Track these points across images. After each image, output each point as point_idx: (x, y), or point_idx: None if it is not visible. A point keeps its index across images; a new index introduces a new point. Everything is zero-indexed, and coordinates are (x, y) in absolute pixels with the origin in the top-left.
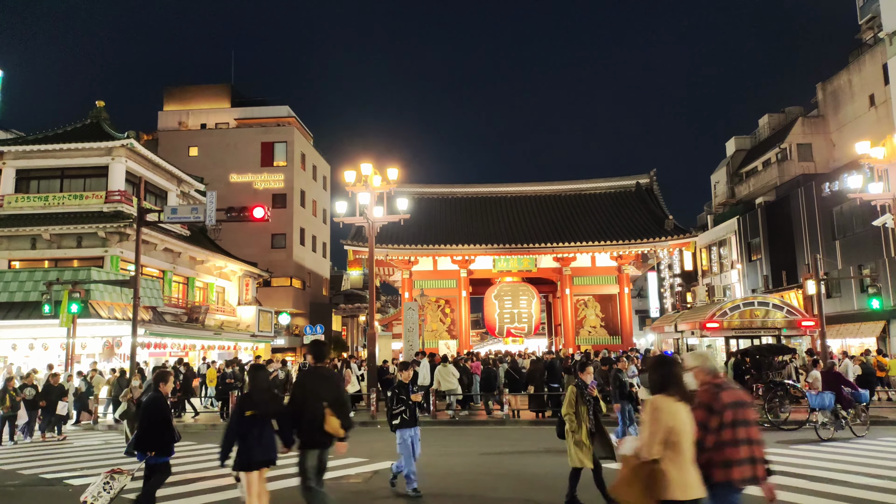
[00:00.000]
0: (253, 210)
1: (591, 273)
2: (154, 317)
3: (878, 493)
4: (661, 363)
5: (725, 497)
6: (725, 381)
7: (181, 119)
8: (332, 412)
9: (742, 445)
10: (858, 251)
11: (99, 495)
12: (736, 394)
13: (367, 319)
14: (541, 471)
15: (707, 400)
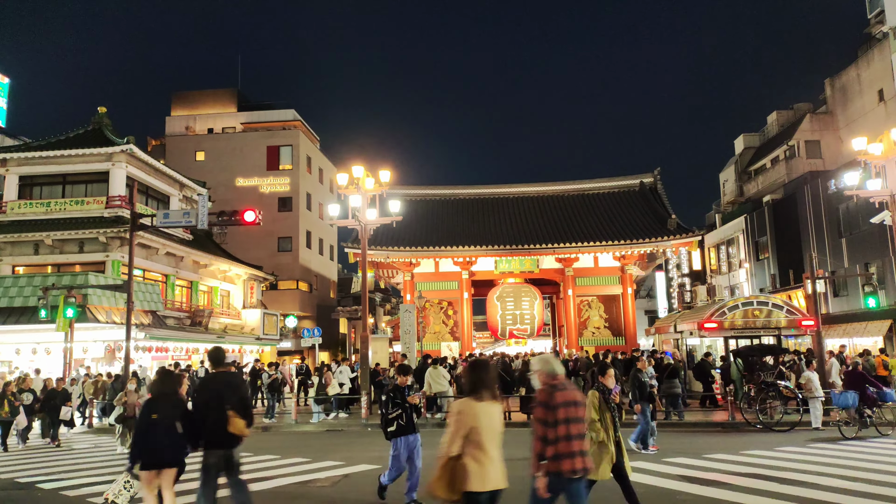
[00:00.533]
0: (244, 214)
1: (593, 273)
2: (154, 320)
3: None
4: (474, 368)
5: (558, 485)
6: (562, 382)
7: (188, 124)
8: (235, 414)
9: (574, 440)
10: (865, 249)
11: (119, 493)
12: (569, 394)
13: (361, 322)
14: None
15: (544, 399)
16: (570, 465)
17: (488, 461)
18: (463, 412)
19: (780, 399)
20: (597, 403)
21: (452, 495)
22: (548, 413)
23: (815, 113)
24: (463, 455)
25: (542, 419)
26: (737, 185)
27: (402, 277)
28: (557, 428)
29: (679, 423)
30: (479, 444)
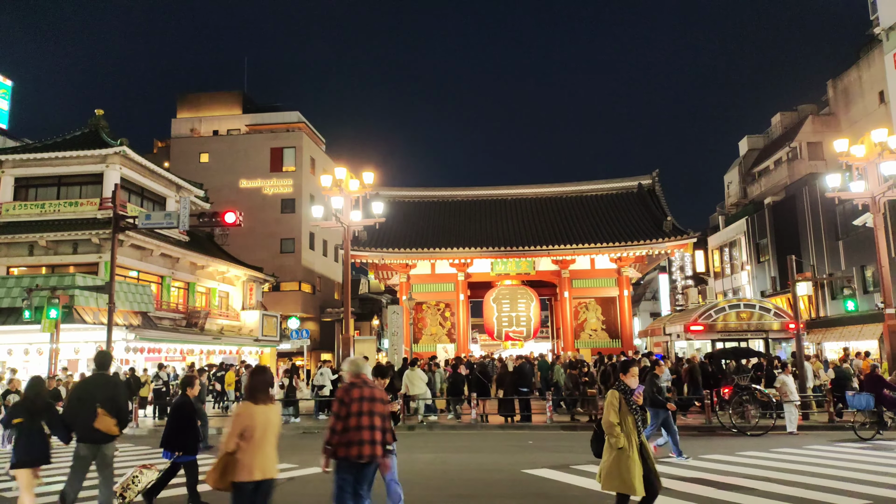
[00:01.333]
0: (224, 215)
1: (590, 276)
2: (144, 322)
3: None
4: (255, 373)
5: (349, 469)
6: (363, 381)
7: (193, 126)
8: (105, 412)
9: (364, 430)
10: (861, 251)
11: (128, 487)
12: (366, 391)
13: (344, 323)
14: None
15: (340, 395)
16: (358, 452)
17: (260, 455)
18: (240, 414)
19: (754, 403)
20: (616, 405)
21: (221, 484)
22: (341, 408)
23: (818, 115)
24: (237, 450)
25: (335, 412)
26: (740, 186)
27: (399, 279)
28: (349, 420)
29: None
30: (252, 440)
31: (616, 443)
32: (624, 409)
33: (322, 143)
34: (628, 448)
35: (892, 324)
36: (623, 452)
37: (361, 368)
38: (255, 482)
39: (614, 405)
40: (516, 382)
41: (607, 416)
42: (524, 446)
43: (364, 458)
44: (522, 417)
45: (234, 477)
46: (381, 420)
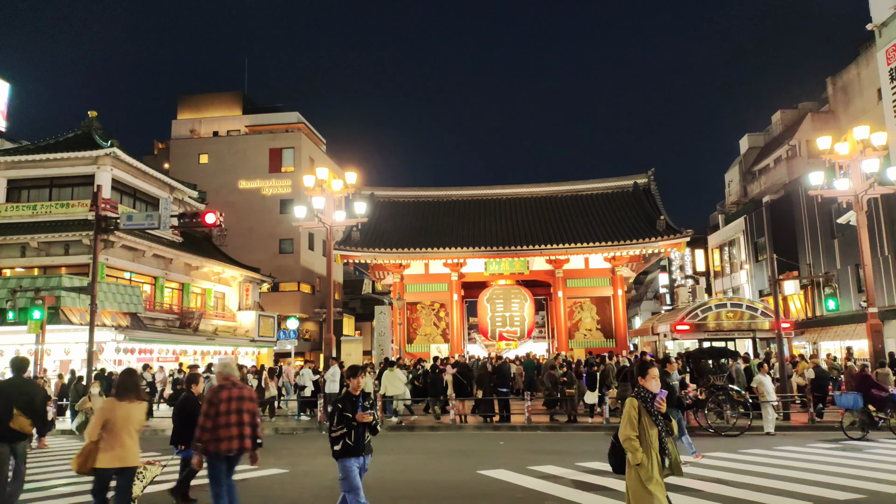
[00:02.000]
0: (205, 216)
1: (584, 275)
2: (133, 322)
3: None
4: (124, 374)
5: (218, 462)
6: (231, 383)
7: (193, 127)
8: (20, 413)
9: (233, 427)
10: (855, 250)
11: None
12: (234, 392)
13: (327, 324)
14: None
15: (209, 396)
16: (227, 446)
17: (118, 446)
18: (104, 409)
19: (731, 403)
20: (636, 415)
21: (84, 469)
22: (210, 407)
23: (818, 112)
24: (99, 440)
25: (204, 412)
26: (741, 185)
27: (392, 279)
28: (218, 418)
29: None
30: (112, 432)
31: (633, 458)
32: (645, 420)
33: (322, 143)
34: (648, 465)
35: (875, 323)
36: (642, 470)
37: (231, 371)
38: (112, 469)
39: (632, 416)
40: (495, 383)
41: (623, 429)
42: (493, 447)
43: (232, 451)
44: (501, 418)
45: (93, 464)
46: (249, 417)
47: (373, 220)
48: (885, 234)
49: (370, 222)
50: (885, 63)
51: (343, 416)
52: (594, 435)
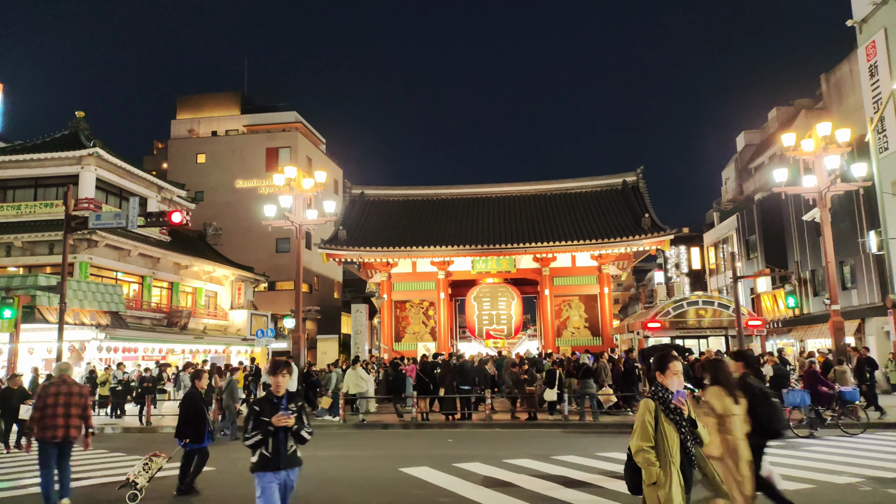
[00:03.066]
0: (171, 215)
1: (571, 273)
2: (114, 321)
3: None
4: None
5: (47, 447)
6: (62, 380)
7: (192, 127)
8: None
9: (59, 418)
10: (839, 248)
11: (139, 474)
12: (63, 388)
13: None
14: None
15: (39, 391)
16: (52, 434)
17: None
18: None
19: None
20: (651, 420)
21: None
22: (38, 400)
23: (812, 109)
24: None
25: (35, 404)
26: (737, 182)
27: (380, 277)
28: (45, 410)
29: (590, 424)
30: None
31: (647, 475)
32: (665, 427)
33: (321, 142)
34: (666, 484)
35: (837, 320)
36: (659, 490)
37: (66, 371)
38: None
39: (647, 421)
40: (458, 381)
41: (635, 438)
42: (438, 445)
43: (57, 438)
44: (463, 416)
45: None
46: (76, 410)
47: (362, 218)
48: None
49: (359, 221)
50: (864, 59)
51: (259, 420)
52: (550, 433)
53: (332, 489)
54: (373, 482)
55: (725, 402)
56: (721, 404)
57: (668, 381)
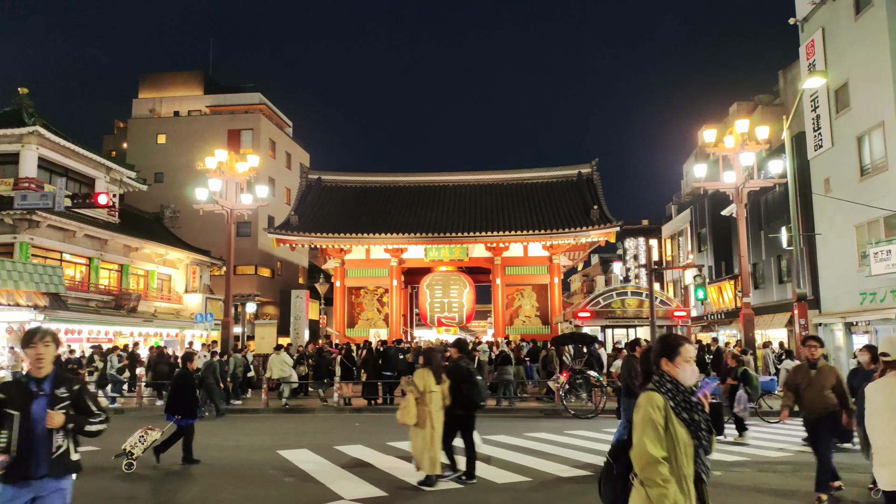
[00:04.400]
0: (97, 197)
1: (523, 263)
2: (52, 302)
3: None
4: None
5: None
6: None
7: (154, 107)
8: None
9: None
10: (777, 242)
11: (135, 445)
12: None
13: (225, 307)
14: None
15: None
16: None
17: None
18: None
19: (587, 387)
20: (661, 420)
21: None
22: None
23: (768, 105)
24: None
25: None
26: (697, 176)
27: (333, 263)
28: None
29: (507, 409)
30: None
31: (656, 497)
32: (676, 430)
33: (287, 125)
34: (684, 494)
35: (748, 312)
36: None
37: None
38: None
39: (655, 420)
40: (381, 367)
41: (642, 445)
42: (341, 428)
43: None
44: (385, 401)
45: None
46: None
47: (316, 204)
48: (801, 225)
49: (313, 206)
50: (805, 58)
51: (3, 413)
52: None
53: (187, 471)
54: (234, 463)
55: (427, 381)
56: (423, 383)
57: (678, 371)
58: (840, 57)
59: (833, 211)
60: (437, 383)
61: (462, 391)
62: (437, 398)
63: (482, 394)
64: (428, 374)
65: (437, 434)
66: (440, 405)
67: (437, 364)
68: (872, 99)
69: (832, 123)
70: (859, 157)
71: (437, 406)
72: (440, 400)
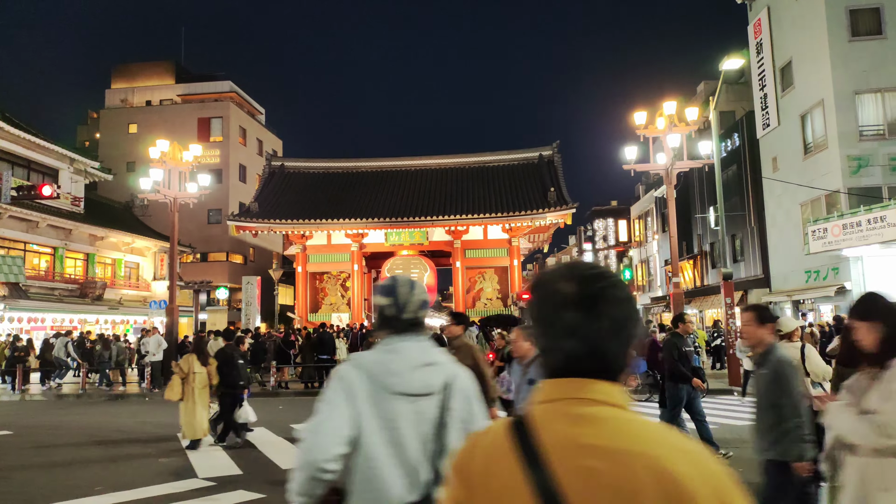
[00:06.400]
0: (42, 188)
1: (483, 246)
2: (12, 292)
3: None
4: None
5: None
6: None
7: (125, 97)
8: None
9: None
10: (732, 221)
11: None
12: None
13: (170, 294)
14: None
15: None
16: None
17: None
18: None
19: None
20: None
21: None
22: None
23: (735, 83)
24: None
25: None
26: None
27: (295, 249)
28: None
29: None
30: None
31: None
32: None
33: (259, 113)
34: None
35: (677, 292)
36: None
37: None
38: None
39: None
40: (318, 351)
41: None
42: (261, 411)
43: None
44: (321, 384)
45: None
46: None
47: (278, 190)
48: (752, 206)
49: (274, 193)
50: (753, 37)
51: None
52: None
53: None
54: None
55: (192, 364)
56: (187, 365)
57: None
58: (784, 36)
59: (781, 190)
60: (202, 366)
61: (224, 373)
62: (200, 378)
63: (242, 375)
64: (193, 358)
65: (198, 408)
66: (204, 384)
67: (203, 350)
68: (813, 78)
69: (778, 102)
70: (803, 136)
71: (200, 385)
72: (205, 380)
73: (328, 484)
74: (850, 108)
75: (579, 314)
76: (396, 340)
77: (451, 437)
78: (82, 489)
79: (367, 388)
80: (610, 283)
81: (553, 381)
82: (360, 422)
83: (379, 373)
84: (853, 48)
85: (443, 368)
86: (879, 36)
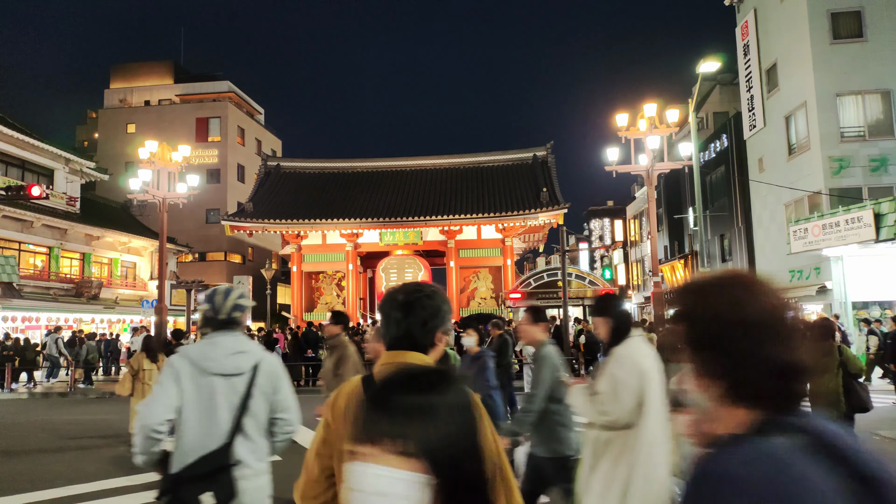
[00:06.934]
0: (31, 189)
1: (477, 245)
2: (6, 291)
3: None
4: None
5: None
6: None
7: (124, 97)
8: None
9: None
10: (721, 221)
11: None
12: None
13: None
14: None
15: None
16: None
17: None
18: None
19: None
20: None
21: None
22: None
23: (729, 84)
24: None
25: None
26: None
27: (290, 249)
28: None
29: None
30: None
31: None
32: None
33: (258, 112)
34: None
35: (657, 291)
36: None
37: None
38: None
39: None
40: (302, 347)
41: None
42: None
43: None
44: (307, 381)
45: None
46: None
47: (273, 190)
48: (739, 206)
49: (269, 193)
50: (740, 39)
51: None
52: None
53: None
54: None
55: (142, 362)
56: (138, 363)
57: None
58: (770, 38)
59: (766, 190)
60: (152, 363)
61: None
62: (150, 375)
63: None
64: (143, 356)
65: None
66: (154, 380)
67: (153, 348)
68: (797, 80)
69: (764, 104)
70: (787, 137)
71: (150, 381)
72: (154, 376)
73: (161, 444)
74: (831, 110)
75: (401, 313)
76: (215, 335)
77: (255, 404)
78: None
79: (189, 370)
80: (424, 294)
81: (388, 352)
82: (182, 395)
83: (199, 359)
84: (835, 51)
85: (252, 355)
86: (860, 39)
